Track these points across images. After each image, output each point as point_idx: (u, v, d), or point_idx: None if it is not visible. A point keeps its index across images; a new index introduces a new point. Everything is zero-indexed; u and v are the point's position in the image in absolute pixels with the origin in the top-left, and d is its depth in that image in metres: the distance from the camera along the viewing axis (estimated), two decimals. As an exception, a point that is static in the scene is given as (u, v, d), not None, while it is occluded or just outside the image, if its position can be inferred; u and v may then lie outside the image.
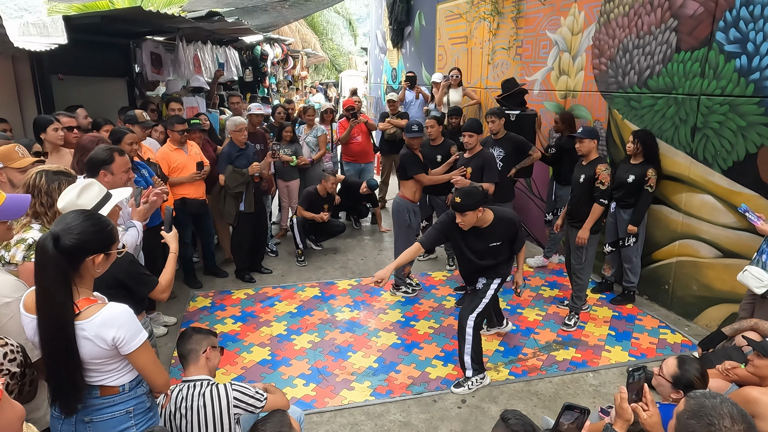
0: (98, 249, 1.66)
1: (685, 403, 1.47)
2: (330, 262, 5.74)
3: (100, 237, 1.67)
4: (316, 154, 6.29)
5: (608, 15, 4.90)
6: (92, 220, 1.69)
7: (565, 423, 1.55)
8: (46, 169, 2.30)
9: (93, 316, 1.61)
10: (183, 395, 2.13)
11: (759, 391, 2.11)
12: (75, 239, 1.60)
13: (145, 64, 6.63)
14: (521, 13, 6.13)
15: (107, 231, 1.71)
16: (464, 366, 3.43)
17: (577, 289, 4.28)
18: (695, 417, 1.40)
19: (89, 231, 1.64)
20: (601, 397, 3.37)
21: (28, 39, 4.43)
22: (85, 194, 2.12)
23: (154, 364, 1.77)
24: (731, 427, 1.34)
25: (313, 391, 3.42)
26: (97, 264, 1.67)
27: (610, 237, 4.64)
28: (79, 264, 1.63)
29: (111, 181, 2.79)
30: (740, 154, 3.83)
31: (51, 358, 1.61)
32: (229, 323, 4.33)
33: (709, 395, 1.46)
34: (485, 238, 3.35)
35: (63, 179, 2.28)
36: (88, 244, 1.63)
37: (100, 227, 1.68)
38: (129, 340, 1.65)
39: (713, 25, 3.92)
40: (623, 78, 4.79)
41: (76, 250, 1.61)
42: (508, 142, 4.91)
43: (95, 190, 2.17)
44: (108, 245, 1.70)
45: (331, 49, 23.52)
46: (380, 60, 11.12)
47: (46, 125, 3.73)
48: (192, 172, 4.60)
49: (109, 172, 2.79)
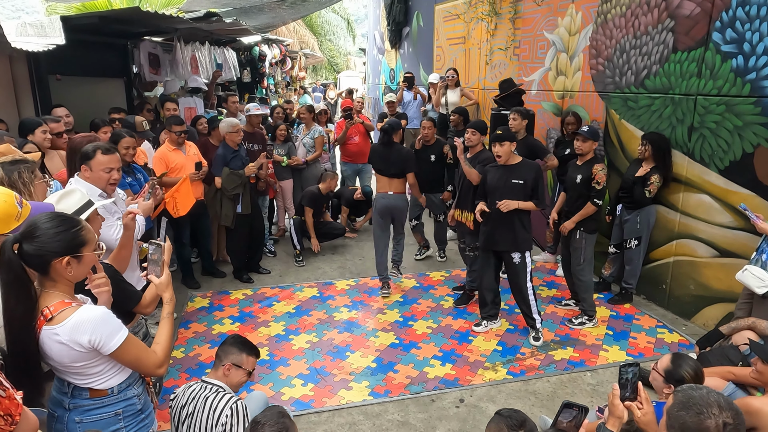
0: (62, 252, 1.58)
1: (674, 397, 1.51)
2: (328, 262, 5.74)
3: (63, 239, 1.59)
4: (311, 155, 6.29)
5: (605, 15, 4.91)
6: (56, 221, 1.61)
7: (563, 421, 1.56)
8: (2, 161, 2.23)
9: (66, 320, 1.57)
10: (195, 393, 2.21)
11: (761, 402, 2.12)
12: (35, 243, 1.55)
13: (143, 64, 6.64)
14: (519, 13, 6.14)
15: (71, 233, 1.62)
16: (534, 323, 4.01)
17: (581, 290, 4.24)
18: (684, 408, 1.44)
19: (51, 233, 1.57)
20: (598, 396, 3.37)
21: (25, 39, 4.42)
22: (64, 200, 2.07)
23: (143, 353, 1.73)
24: (719, 414, 1.39)
25: (311, 391, 3.42)
26: (66, 267, 1.60)
27: (615, 239, 4.64)
28: (46, 267, 1.58)
29: (90, 177, 2.77)
30: (737, 154, 3.85)
31: (13, 357, 1.60)
32: (227, 323, 4.33)
33: (696, 388, 1.51)
34: (510, 173, 3.89)
35: (21, 167, 2.21)
36: (49, 246, 1.57)
37: (63, 229, 1.60)
38: (107, 341, 1.61)
39: (710, 25, 3.94)
40: (620, 78, 4.81)
41: (37, 254, 1.56)
42: (523, 145, 4.75)
43: (76, 196, 2.11)
44: (75, 248, 1.62)
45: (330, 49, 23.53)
46: (378, 60, 11.13)
47: (34, 127, 3.71)
48: (191, 173, 4.59)
49: (89, 168, 2.75)
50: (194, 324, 4.30)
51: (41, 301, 1.60)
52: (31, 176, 2.21)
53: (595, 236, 4.19)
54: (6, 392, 1.33)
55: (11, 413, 1.33)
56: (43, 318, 1.58)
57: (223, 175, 4.83)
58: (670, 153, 4.31)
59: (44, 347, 1.59)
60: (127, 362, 1.71)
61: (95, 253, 1.70)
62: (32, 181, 2.21)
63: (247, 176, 4.91)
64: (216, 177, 4.87)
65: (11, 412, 1.33)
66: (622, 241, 4.56)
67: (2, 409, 1.31)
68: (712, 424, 1.39)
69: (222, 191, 4.86)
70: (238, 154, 4.98)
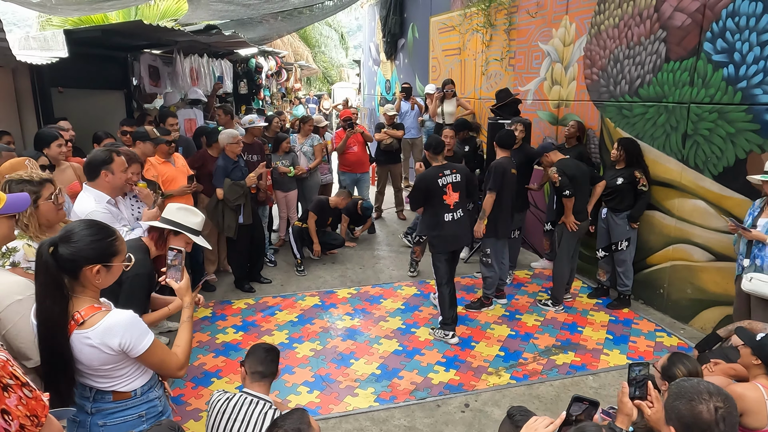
0: (95, 259, 1.64)
1: (668, 391, 1.59)
2: (329, 271, 5.78)
3: (97, 247, 1.65)
4: (312, 163, 6.35)
5: (599, 26, 5.04)
6: (93, 229, 1.67)
7: (573, 414, 1.60)
8: (11, 179, 2.28)
9: (97, 324, 1.62)
10: (241, 405, 2.22)
11: (743, 387, 2.19)
12: (70, 248, 1.60)
13: (143, 76, 6.69)
14: (513, 25, 6.27)
15: (106, 242, 1.68)
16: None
17: (554, 278, 4.71)
18: (678, 398, 1.52)
19: (86, 240, 1.63)
20: (601, 399, 3.42)
21: (28, 52, 4.48)
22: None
23: (167, 355, 1.78)
24: (710, 400, 1.47)
25: (317, 398, 3.44)
26: (95, 275, 1.65)
27: (602, 242, 4.73)
28: (77, 273, 1.63)
29: (111, 180, 2.82)
30: (730, 160, 3.95)
31: (45, 360, 1.63)
32: (230, 333, 4.34)
33: (687, 379, 1.59)
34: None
35: (26, 187, 2.25)
36: (83, 253, 1.62)
37: (99, 237, 1.66)
38: (136, 344, 1.66)
39: (701, 35, 4.06)
40: (615, 87, 4.92)
41: (70, 258, 1.60)
42: (521, 153, 4.91)
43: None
44: (107, 257, 1.67)
45: (323, 61, 23.69)
46: (374, 72, 11.25)
47: (50, 141, 3.72)
48: (182, 185, 4.55)
49: (110, 172, 2.82)
50: (198, 333, 4.30)
51: (71, 306, 1.63)
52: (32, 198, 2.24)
53: (576, 235, 4.50)
54: (33, 393, 1.36)
55: (37, 414, 1.35)
56: (74, 322, 1.61)
57: (225, 186, 4.85)
58: (641, 153, 4.54)
59: (74, 351, 1.62)
60: (153, 364, 1.75)
61: (123, 264, 1.74)
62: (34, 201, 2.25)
63: (248, 186, 4.95)
64: (218, 188, 4.89)
65: (37, 413, 1.35)
66: (609, 245, 4.68)
67: (29, 410, 1.33)
68: (704, 409, 1.46)
69: (224, 202, 4.89)
70: (238, 165, 5.02)
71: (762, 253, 3.30)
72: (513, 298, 4.97)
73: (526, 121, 5.21)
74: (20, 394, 1.34)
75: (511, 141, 4.52)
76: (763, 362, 2.23)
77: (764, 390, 2.14)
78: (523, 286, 5.29)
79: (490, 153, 5.44)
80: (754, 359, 2.25)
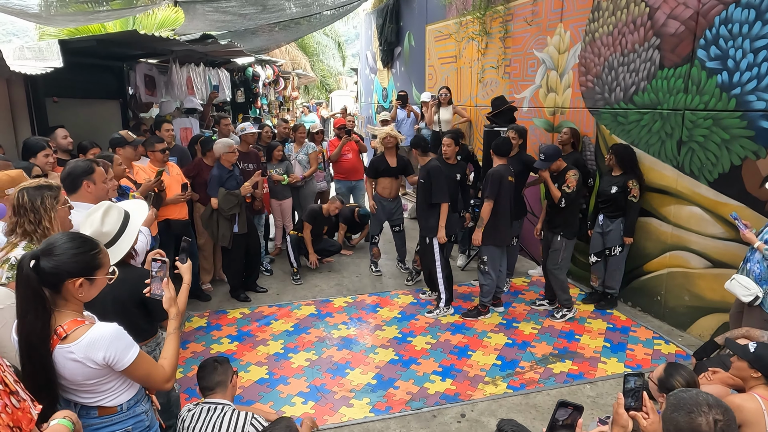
0: (78, 273, 1.60)
1: (666, 402, 1.56)
2: (325, 280, 5.75)
3: (80, 260, 1.62)
4: (307, 171, 6.33)
5: (593, 34, 5.05)
6: (75, 242, 1.64)
7: (559, 420, 1.59)
8: (27, 186, 2.25)
9: (80, 338, 1.58)
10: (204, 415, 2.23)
11: (741, 398, 2.15)
12: (52, 261, 1.57)
13: (139, 86, 6.68)
14: (509, 33, 6.29)
15: (90, 255, 1.65)
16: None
17: (557, 287, 4.60)
18: (676, 410, 1.49)
19: (69, 254, 1.60)
20: (599, 408, 3.39)
21: (23, 63, 4.46)
22: (107, 219, 2.11)
23: (153, 368, 1.75)
24: (709, 412, 1.44)
25: (312, 409, 3.40)
26: (78, 288, 1.61)
27: (595, 247, 4.73)
28: (59, 286, 1.60)
29: (94, 191, 2.77)
30: (725, 167, 3.94)
31: (27, 376, 1.59)
32: (225, 343, 4.31)
33: (685, 390, 1.57)
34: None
35: (45, 192, 2.22)
36: (66, 266, 1.59)
37: (82, 250, 1.63)
38: (121, 357, 1.63)
39: (694, 42, 4.07)
40: (610, 94, 4.92)
41: (52, 272, 1.57)
42: (517, 161, 4.89)
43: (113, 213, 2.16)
44: (90, 270, 1.64)
45: (321, 69, 23.77)
46: (371, 80, 11.28)
47: (37, 151, 3.69)
48: (176, 193, 4.52)
49: (92, 182, 2.77)
50: (192, 344, 4.27)
51: (53, 320, 1.60)
52: (53, 202, 2.22)
53: (573, 242, 4.52)
54: (21, 404, 1.33)
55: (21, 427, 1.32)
56: (57, 337, 1.58)
57: (220, 195, 4.83)
58: (635, 160, 4.52)
59: (57, 366, 1.59)
60: (139, 377, 1.72)
61: (107, 277, 1.71)
62: (54, 207, 2.22)
63: (243, 195, 4.93)
64: (212, 198, 4.87)
65: (22, 425, 1.32)
66: (602, 250, 4.69)
67: (13, 420, 1.29)
68: (703, 422, 1.43)
69: (218, 212, 4.87)
70: (233, 174, 5.00)
71: (752, 257, 3.30)
72: (510, 306, 4.94)
73: (521, 128, 5.21)
74: (6, 402, 1.30)
75: (507, 148, 4.51)
76: (763, 374, 2.18)
77: (762, 401, 2.11)
78: (520, 294, 5.27)
79: (486, 160, 5.44)
80: (753, 372, 2.21)
